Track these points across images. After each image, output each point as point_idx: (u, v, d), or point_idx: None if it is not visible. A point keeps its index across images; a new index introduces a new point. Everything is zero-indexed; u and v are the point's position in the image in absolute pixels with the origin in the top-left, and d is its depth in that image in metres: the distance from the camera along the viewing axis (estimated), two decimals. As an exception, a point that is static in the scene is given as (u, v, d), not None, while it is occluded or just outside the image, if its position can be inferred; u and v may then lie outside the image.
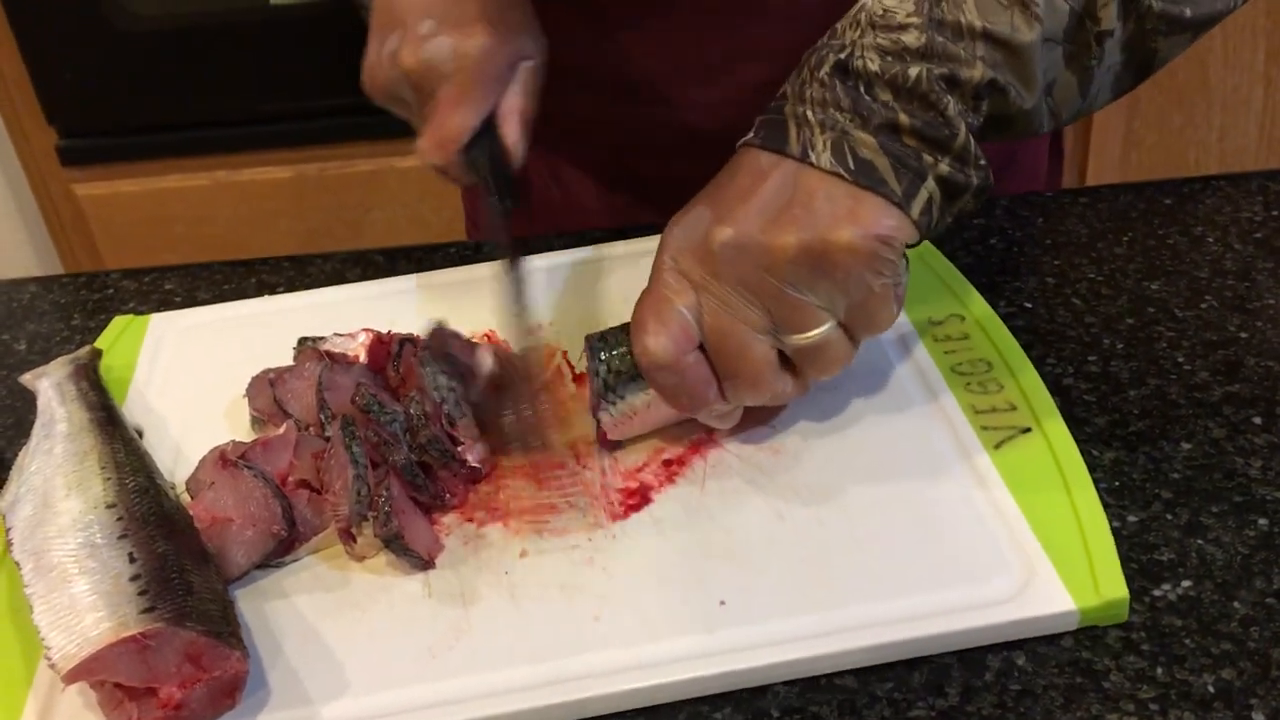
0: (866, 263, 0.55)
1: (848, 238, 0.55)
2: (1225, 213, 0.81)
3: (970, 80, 0.55)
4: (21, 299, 0.84)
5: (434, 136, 0.68)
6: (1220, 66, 1.71)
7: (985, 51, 0.55)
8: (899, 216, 0.55)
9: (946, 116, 0.55)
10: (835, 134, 0.56)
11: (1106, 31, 0.56)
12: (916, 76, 0.55)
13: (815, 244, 0.55)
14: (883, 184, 0.55)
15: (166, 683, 0.51)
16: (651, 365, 0.59)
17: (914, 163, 0.55)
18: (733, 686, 0.53)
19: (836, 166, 0.55)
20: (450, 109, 0.67)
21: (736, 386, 0.59)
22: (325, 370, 0.65)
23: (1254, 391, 0.66)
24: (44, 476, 0.60)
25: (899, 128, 0.55)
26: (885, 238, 0.55)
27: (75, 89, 1.75)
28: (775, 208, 0.56)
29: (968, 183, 0.57)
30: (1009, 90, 0.56)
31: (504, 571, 0.58)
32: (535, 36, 0.71)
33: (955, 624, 0.53)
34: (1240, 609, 0.55)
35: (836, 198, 0.55)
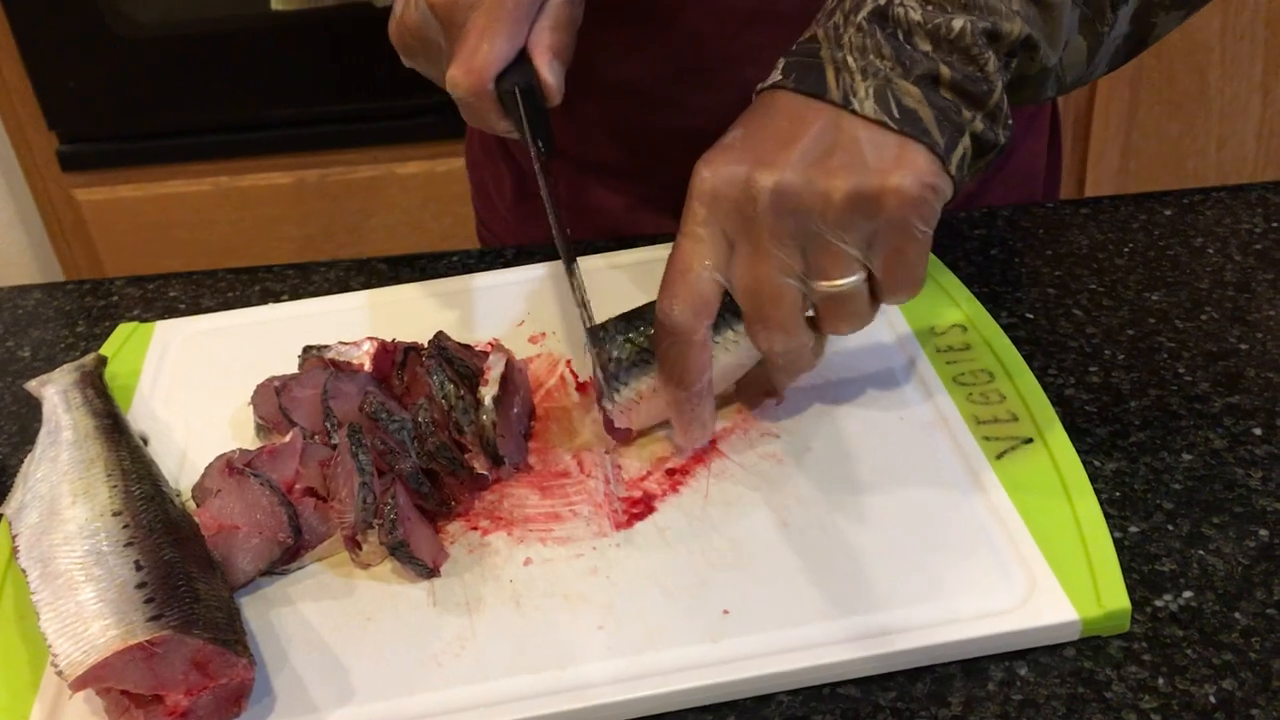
0: (915, 209, 0.55)
1: (899, 182, 0.54)
2: (1225, 224, 0.81)
3: (1010, 34, 0.55)
4: (26, 305, 0.84)
5: (464, 65, 0.63)
6: (1219, 76, 1.72)
7: (1021, 6, 0.55)
8: (939, 167, 0.55)
9: (986, 72, 0.55)
10: (878, 81, 0.55)
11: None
12: (960, 28, 0.55)
13: (868, 188, 0.54)
14: (927, 134, 0.55)
15: (173, 690, 0.51)
16: (667, 328, 0.59)
17: (955, 116, 0.55)
18: (736, 695, 0.53)
19: (880, 114, 0.55)
20: (480, 37, 0.63)
21: (767, 331, 0.59)
22: (331, 378, 0.65)
23: (1254, 403, 0.66)
24: (50, 484, 0.61)
25: (939, 79, 0.55)
26: (933, 185, 0.55)
27: (77, 94, 1.75)
28: (818, 153, 0.55)
29: (995, 141, 0.57)
30: (1039, 47, 0.56)
31: (508, 580, 0.58)
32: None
33: (958, 634, 0.54)
34: (1241, 620, 0.55)
35: (882, 145, 0.55)
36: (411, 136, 1.76)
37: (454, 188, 1.75)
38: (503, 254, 0.84)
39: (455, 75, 0.64)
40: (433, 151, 1.76)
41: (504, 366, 0.65)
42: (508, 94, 0.64)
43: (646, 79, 0.82)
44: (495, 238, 1.01)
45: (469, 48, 0.64)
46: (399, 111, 1.75)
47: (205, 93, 1.75)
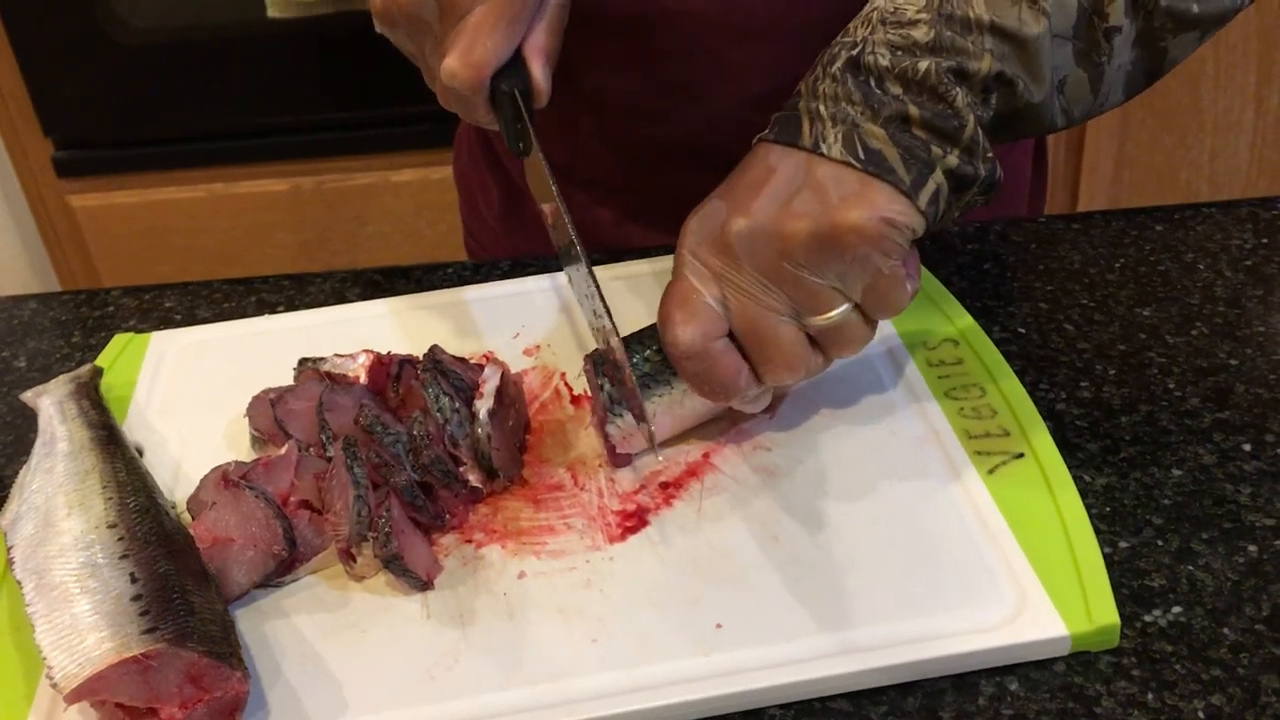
0: (873, 243, 0.57)
1: (854, 219, 0.56)
2: (1216, 240, 0.82)
3: (978, 72, 0.57)
4: (22, 316, 0.84)
5: (465, 58, 0.63)
6: (1211, 88, 1.73)
7: (993, 44, 0.57)
8: (906, 204, 0.57)
9: (955, 108, 0.57)
10: (846, 126, 0.58)
11: (1115, 28, 0.58)
12: (926, 69, 0.57)
13: (824, 227, 0.57)
14: (891, 172, 0.57)
15: (168, 703, 0.52)
16: (681, 355, 0.61)
17: (923, 154, 0.57)
18: (729, 709, 0.53)
19: (847, 156, 0.57)
20: (482, 32, 0.63)
21: (774, 370, 0.61)
22: (326, 391, 0.65)
23: (1244, 418, 0.67)
24: (45, 495, 0.61)
25: (909, 119, 0.57)
26: (891, 220, 0.57)
27: (72, 101, 1.75)
28: (786, 196, 0.58)
29: (975, 175, 0.58)
30: (1017, 82, 0.57)
31: (502, 593, 0.58)
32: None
33: (948, 648, 0.54)
34: (1230, 635, 0.55)
35: (845, 183, 0.57)
36: (406, 144, 1.76)
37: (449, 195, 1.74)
38: (498, 266, 0.85)
39: (453, 66, 0.63)
40: (427, 159, 1.77)
41: (499, 380, 0.65)
42: (503, 94, 0.64)
43: (635, 93, 0.82)
44: (483, 249, 1.01)
45: (469, 40, 0.63)
46: (394, 119, 1.76)
47: (201, 99, 1.76)
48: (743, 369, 0.61)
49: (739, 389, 0.61)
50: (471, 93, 0.64)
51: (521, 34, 0.65)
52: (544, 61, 0.66)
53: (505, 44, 0.64)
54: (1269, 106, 1.76)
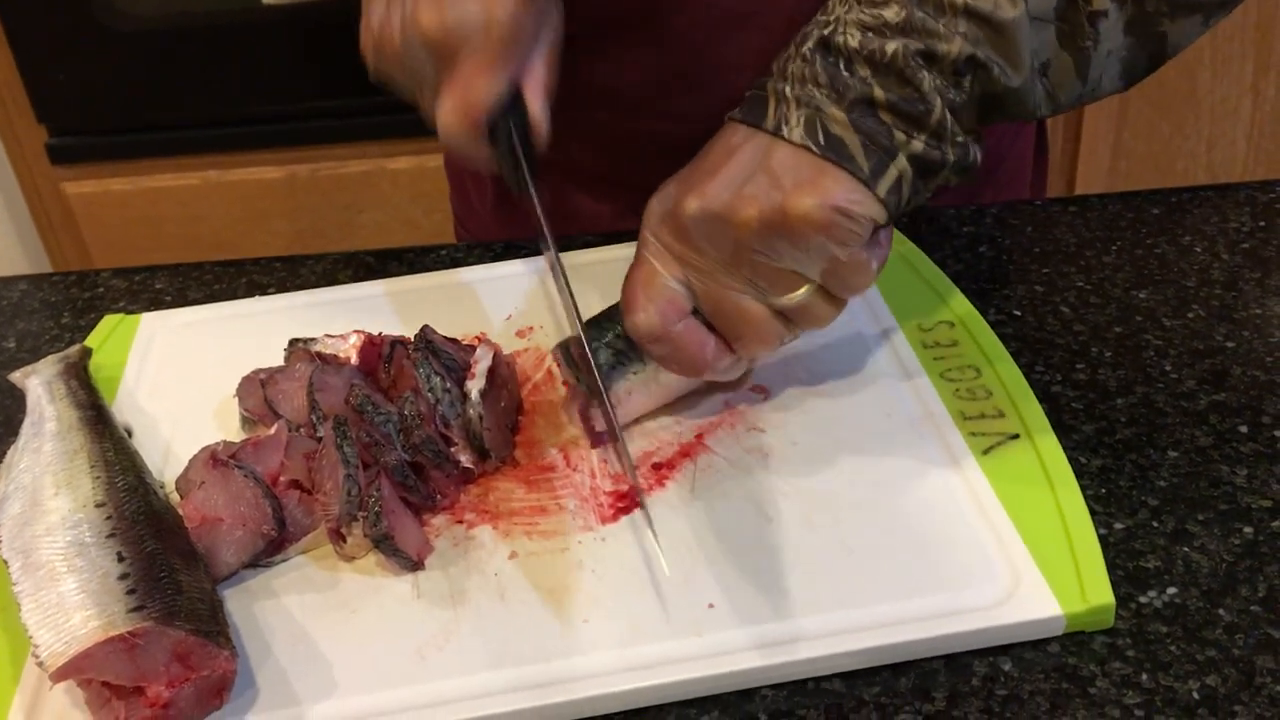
0: (826, 231, 0.56)
1: (805, 207, 0.56)
2: (1213, 223, 0.81)
3: (948, 55, 0.56)
4: (11, 297, 0.83)
5: (458, 103, 0.63)
6: (1209, 77, 1.72)
7: (966, 28, 0.56)
8: (863, 192, 0.56)
9: (922, 92, 0.56)
10: (809, 110, 0.57)
11: (1099, 12, 0.56)
12: (893, 52, 0.56)
13: (775, 213, 0.56)
14: (850, 160, 0.56)
15: (154, 682, 0.51)
16: (643, 339, 0.61)
17: (885, 140, 0.56)
18: (721, 689, 0.53)
19: (806, 140, 0.57)
20: (476, 74, 0.63)
21: (745, 345, 0.61)
22: (317, 371, 0.65)
23: (1240, 400, 0.66)
24: (33, 475, 0.60)
25: (874, 102, 0.56)
26: (844, 209, 0.56)
27: (66, 87, 1.74)
28: (741, 179, 0.58)
29: (944, 159, 0.57)
30: (991, 67, 0.56)
31: (493, 573, 0.58)
32: (556, 3, 0.69)
33: (942, 629, 0.54)
34: (1225, 616, 0.55)
35: (801, 169, 0.56)
36: (402, 131, 1.75)
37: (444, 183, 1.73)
38: (491, 248, 0.84)
39: (449, 113, 0.63)
40: (423, 147, 1.76)
41: (491, 360, 0.65)
42: (502, 133, 0.64)
43: (632, 86, 0.82)
44: (473, 238, 1.00)
45: (464, 86, 0.63)
46: (389, 106, 1.72)
47: (195, 86, 1.75)
48: (708, 345, 0.61)
49: (707, 364, 0.62)
50: (470, 140, 0.64)
51: (516, 74, 0.64)
52: (543, 97, 0.66)
53: (500, 85, 0.63)
54: (1266, 96, 1.75)
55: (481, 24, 0.63)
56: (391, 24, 0.65)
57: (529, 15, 0.65)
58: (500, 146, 0.64)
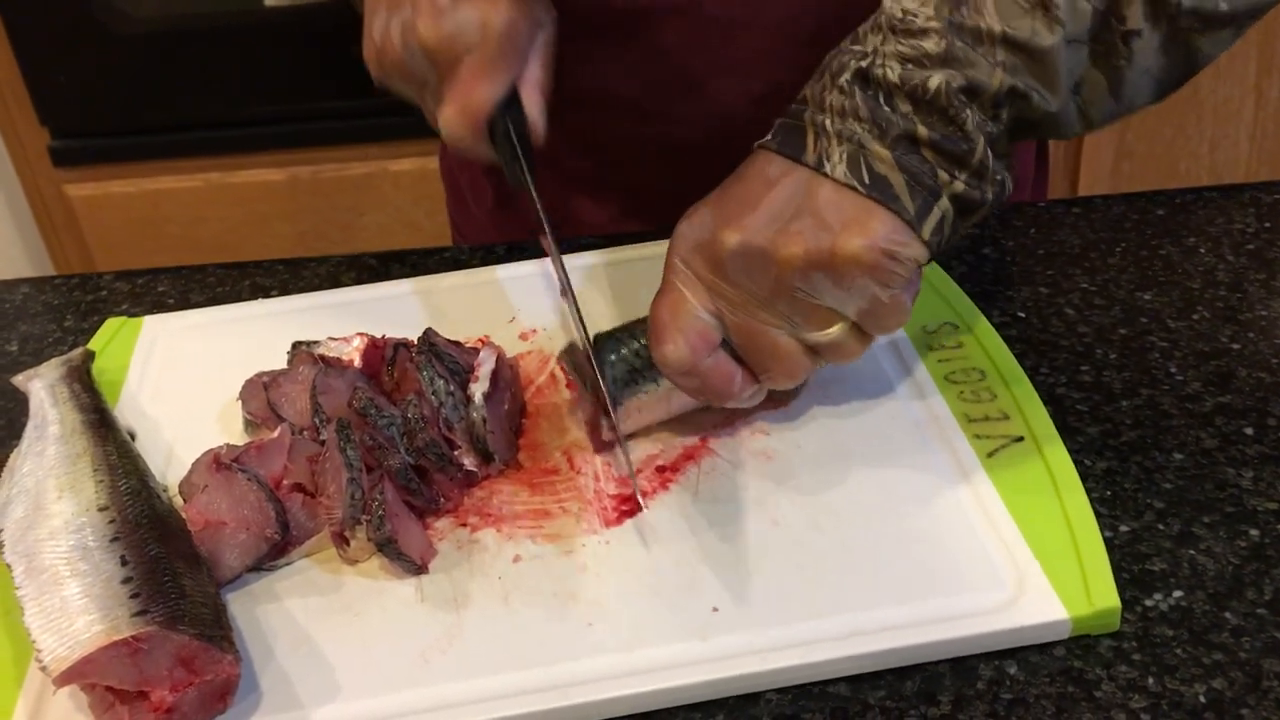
0: (872, 273, 0.55)
1: (854, 248, 0.55)
2: (1217, 224, 0.81)
3: (989, 89, 0.55)
4: (14, 300, 0.83)
5: (459, 105, 0.65)
6: (1211, 78, 1.72)
7: (1005, 57, 0.55)
8: (909, 234, 0.55)
9: (965, 131, 0.55)
10: (852, 146, 0.56)
11: (1133, 31, 0.55)
12: (936, 88, 0.54)
13: (822, 254, 0.55)
14: (895, 200, 0.55)
15: (158, 686, 0.51)
16: (672, 371, 0.60)
17: (929, 180, 0.55)
18: (725, 693, 0.53)
19: (851, 179, 0.55)
20: (476, 79, 0.64)
21: (773, 378, 0.60)
22: (320, 374, 0.65)
23: (1245, 402, 0.66)
24: (36, 478, 0.60)
25: (917, 140, 0.55)
26: (891, 252, 0.55)
27: (68, 90, 1.74)
28: (785, 216, 0.56)
29: (983, 199, 0.56)
30: (1031, 96, 0.55)
31: (497, 576, 0.58)
32: (548, 6, 0.69)
33: (947, 632, 0.53)
34: (1231, 619, 0.55)
35: (847, 209, 0.55)
36: (404, 133, 1.75)
37: (446, 185, 1.74)
38: (493, 250, 0.84)
39: (450, 116, 0.65)
40: (425, 148, 1.76)
41: (494, 363, 0.65)
42: (501, 133, 0.66)
43: (628, 91, 0.82)
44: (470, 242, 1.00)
45: (463, 90, 0.64)
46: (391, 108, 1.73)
47: (197, 88, 1.75)
48: (735, 377, 0.60)
49: (733, 396, 0.61)
50: (472, 140, 0.65)
51: (513, 76, 0.66)
52: (539, 97, 0.67)
53: (499, 88, 0.65)
54: (1269, 97, 1.75)
55: (478, 31, 0.64)
56: (392, 34, 0.66)
57: (524, 20, 0.66)
58: (500, 145, 0.66)
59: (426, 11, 0.65)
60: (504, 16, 0.65)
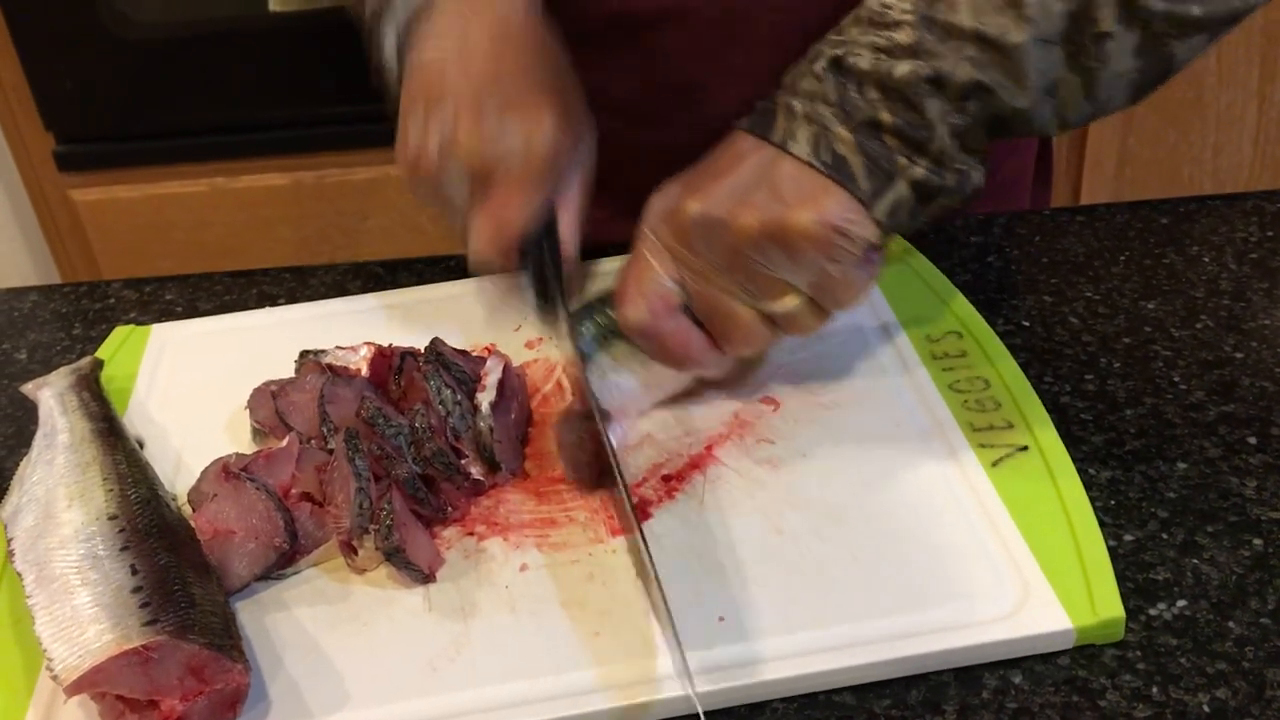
0: (821, 248, 0.58)
1: (804, 222, 0.57)
2: (1221, 233, 0.82)
3: (954, 79, 0.57)
4: (22, 308, 0.84)
5: (493, 224, 0.62)
6: (1215, 84, 1.72)
7: (974, 52, 0.56)
8: (861, 212, 0.58)
9: (926, 118, 0.57)
10: (817, 127, 0.58)
11: (1105, 33, 0.56)
12: (902, 75, 0.57)
13: (774, 225, 0.58)
14: (851, 180, 0.58)
15: (168, 695, 0.51)
16: (632, 332, 0.63)
17: (886, 164, 0.58)
18: (731, 703, 0.53)
19: (811, 158, 0.58)
20: (512, 198, 0.62)
21: (732, 345, 0.63)
22: (327, 383, 0.65)
23: (1249, 411, 0.66)
24: (46, 487, 0.61)
25: (880, 125, 0.58)
26: (841, 229, 0.57)
27: (73, 95, 1.75)
28: (745, 187, 0.59)
29: (943, 185, 0.59)
30: (996, 90, 0.57)
31: (504, 585, 0.58)
32: (590, 123, 0.68)
33: (952, 641, 0.54)
34: (1235, 629, 0.55)
35: (804, 185, 0.58)
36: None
37: (451, 190, 1.74)
38: (500, 258, 0.84)
39: (480, 234, 0.63)
40: (430, 154, 1.76)
41: (501, 372, 0.65)
42: (531, 258, 0.64)
43: (627, 96, 0.82)
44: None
45: (497, 207, 0.62)
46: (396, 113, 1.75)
47: (202, 94, 1.75)
48: (692, 341, 0.62)
49: (692, 360, 0.63)
50: (501, 262, 0.64)
51: (551, 195, 0.64)
52: (575, 220, 0.65)
53: (533, 210, 0.63)
54: (1272, 103, 1.75)
55: (522, 151, 0.62)
56: (430, 143, 0.63)
57: (568, 134, 0.64)
58: (530, 270, 0.64)
59: (468, 120, 0.62)
60: (549, 137, 0.62)
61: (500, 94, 0.63)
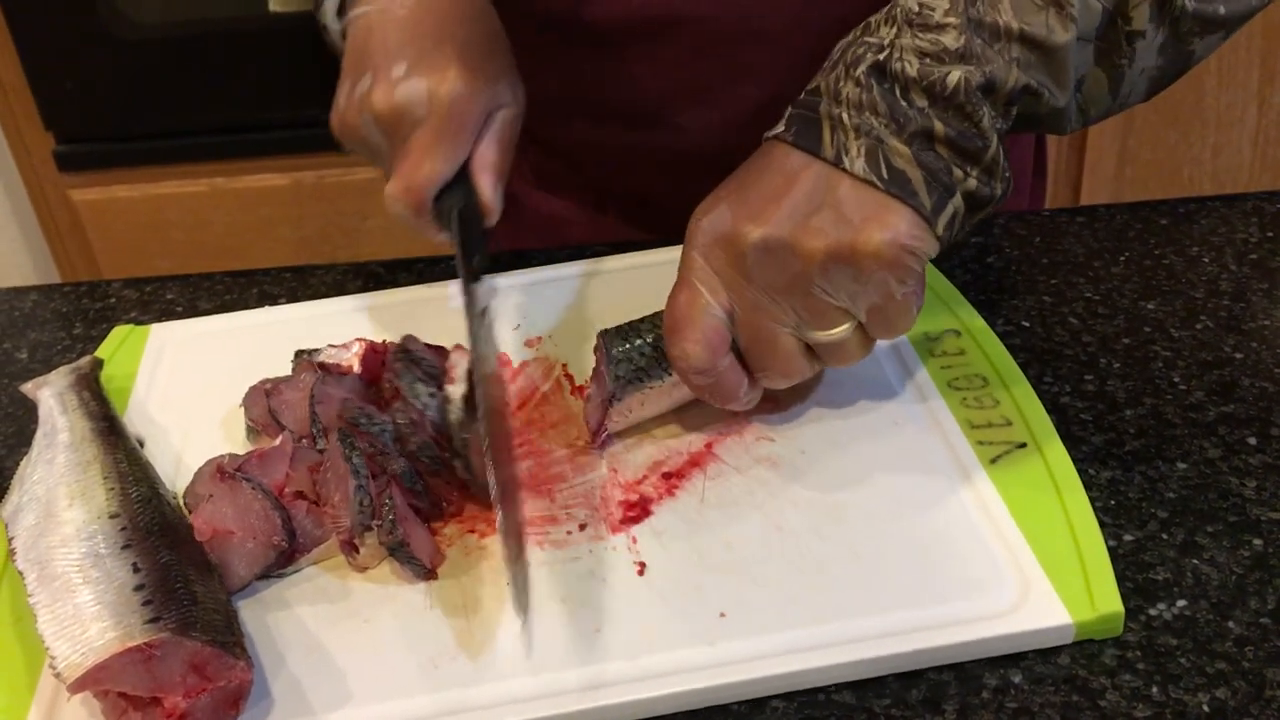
0: (891, 269, 0.56)
1: (876, 244, 0.55)
2: (1221, 233, 0.82)
3: (1006, 85, 0.55)
4: (23, 308, 0.84)
5: (403, 182, 0.65)
6: (1215, 85, 1.72)
7: (1020, 53, 0.55)
8: (925, 229, 0.56)
9: (981, 128, 0.56)
10: (870, 140, 0.56)
11: (1138, 32, 0.56)
12: (955, 84, 0.55)
13: (844, 248, 0.56)
14: (914, 195, 0.55)
15: (171, 692, 0.51)
16: (689, 370, 0.61)
17: (945, 177, 0.56)
18: (733, 698, 0.53)
19: (870, 174, 0.56)
20: (422, 154, 0.64)
21: (770, 377, 0.61)
22: (318, 383, 0.65)
23: (1249, 412, 0.66)
24: (46, 486, 0.61)
25: (934, 136, 0.56)
26: (910, 247, 0.56)
27: (73, 95, 1.75)
28: (805, 211, 0.57)
29: (991, 195, 0.57)
30: (1042, 94, 0.56)
31: (505, 583, 0.58)
32: (513, 85, 0.69)
33: (952, 637, 0.54)
34: (1235, 629, 0.55)
35: (866, 204, 0.56)
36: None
37: (451, 191, 1.74)
38: (499, 259, 0.84)
39: (394, 192, 0.65)
40: (429, 154, 1.76)
41: (467, 363, 0.65)
42: (446, 213, 0.65)
43: (636, 99, 0.82)
44: None
45: (410, 165, 0.64)
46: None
47: (202, 94, 1.75)
48: (744, 382, 0.61)
49: (738, 398, 0.62)
50: (414, 215, 0.65)
51: (463, 153, 0.65)
52: (492, 177, 0.66)
53: (444, 164, 0.64)
54: (1272, 104, 1.75)
55: (426, 103, 0.64)
56: (351, 104, 0.67)
57: (478, 95, 0.65)
58: (446, 224, 0.65)
59: (380, 81, 0.65)
60: (451, 89, 0.64)
61: (413, 53, 0.65)
